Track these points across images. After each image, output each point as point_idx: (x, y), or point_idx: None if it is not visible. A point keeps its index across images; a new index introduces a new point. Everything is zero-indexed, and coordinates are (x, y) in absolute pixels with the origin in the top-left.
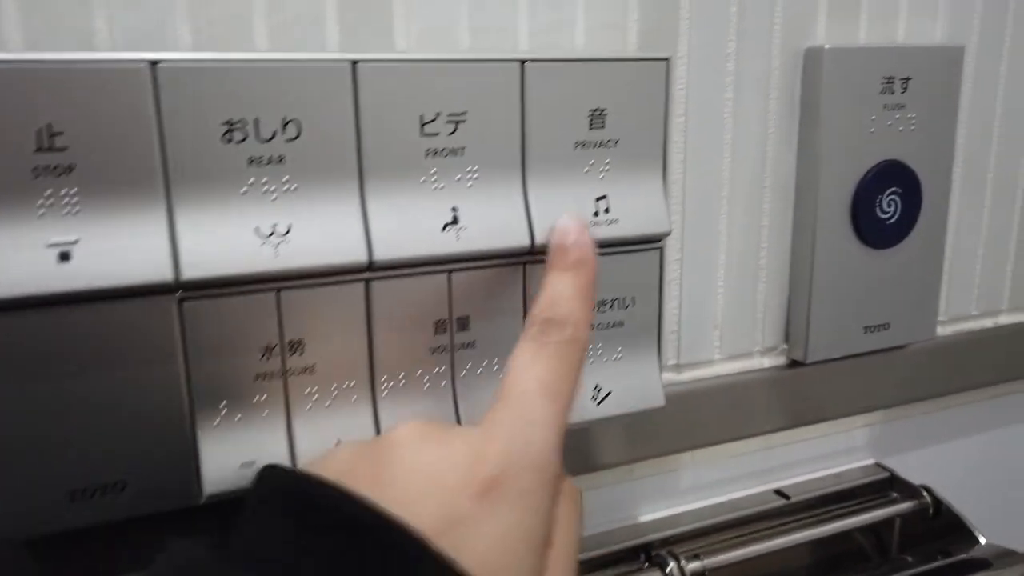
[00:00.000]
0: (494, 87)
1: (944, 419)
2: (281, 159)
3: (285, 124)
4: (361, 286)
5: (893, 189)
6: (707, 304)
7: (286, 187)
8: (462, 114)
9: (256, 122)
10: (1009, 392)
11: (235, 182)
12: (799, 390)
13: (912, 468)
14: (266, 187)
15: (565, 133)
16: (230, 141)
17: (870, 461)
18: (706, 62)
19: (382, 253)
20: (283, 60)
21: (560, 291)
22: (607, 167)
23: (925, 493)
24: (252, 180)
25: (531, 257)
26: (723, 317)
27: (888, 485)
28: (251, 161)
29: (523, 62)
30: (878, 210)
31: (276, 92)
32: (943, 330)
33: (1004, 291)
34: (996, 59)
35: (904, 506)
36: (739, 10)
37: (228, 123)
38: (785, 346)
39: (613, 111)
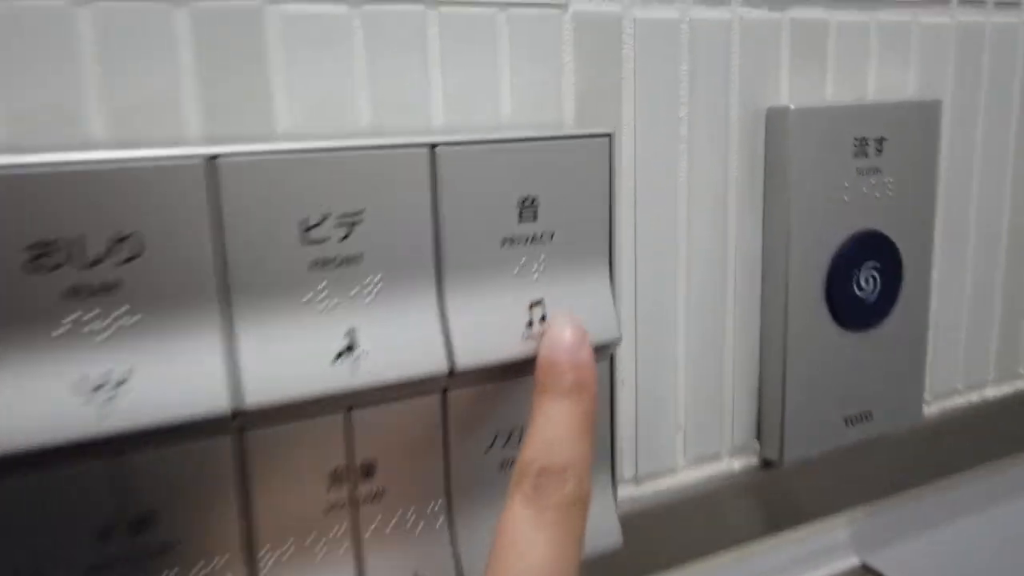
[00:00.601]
0: (397, 179)
1: (935, 507)
2: (114, 286)
3: (118, 241)
4: (230, 440)
5: (871, 263)
6: (667, 403)
7: (122, 322)
8: (357, 214)
9: (77, 241)
10: (1001, 470)
11: (45, 323)
12: (775, 493)
13: (902, 564)
14: (92, 325)
15: (489, 229)
16: (38, 270)
17: (855, 562)
18: (656, 129)
19: (256, 397)
20: (111, 160)
21: (556, 428)
22: (542, 266)
23: None
24: (72, 317)
25: (451, 382)
26: (686, 416)
27: None
28: (70, 292)
29: (433, 146)
30: (855, 287)
31: (103, 202)
32: (928, 409)
33: (990, 362)
34: (973, 112)
35: None
36: (690, 69)
37: (36, 246)
38: (757, 444)
39: (547, 199)
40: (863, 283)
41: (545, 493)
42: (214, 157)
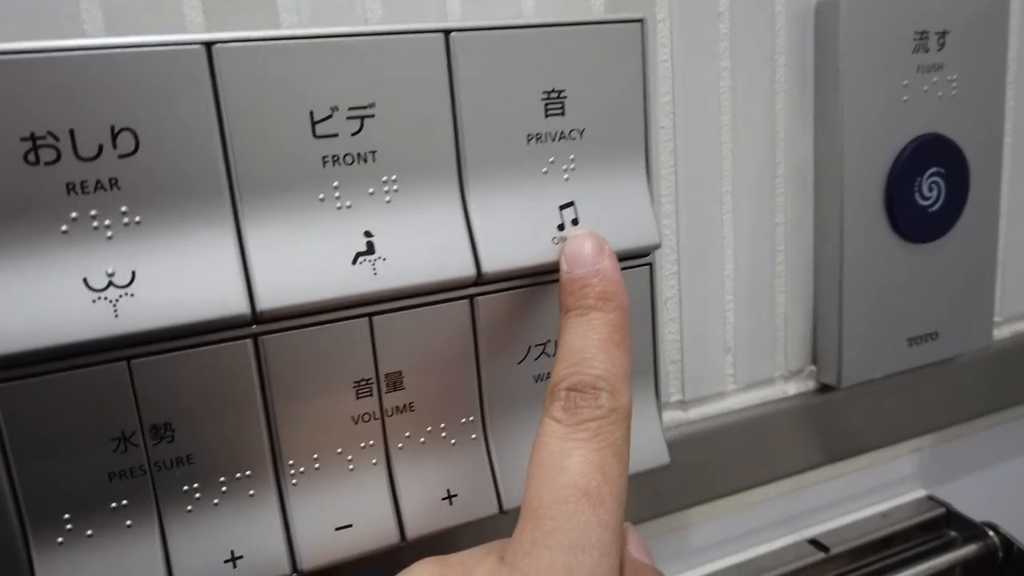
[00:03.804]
0: (411, 68)
1: (1006, 436)
2: (114, 183)
3: (116, 134)
4: (247, 345)
5: (935, 170)
6: (715, 324)
7: (125, 220)
8: (368, 107)
9: (72, 134)
10: None
11: (53, 218)
12: (833, 419)
13: (972, 498)
14: (96, 222)
15: (513, 124)
16: (36, 162)
17: (921, 493)
18: (694, 24)
19: (271, 300)
20: (101, 47)
21: (584, 343)
22: (572, 165)
23: (991, 532)
24: (75, 215)
25: (479, 289)
26: (736, 339)
27: (944, 522)
28: (71, 188)
29: (447, 32)
30: (918, 196)
31: (97, 92)
32: (999, 332)
33: None
34: None
35: (966, 550)
36: None
37: (30, 138)
38: (813, 368)
39: (575, 92)
40: (926, 192)
41: (576, 410)
42: (211, 43)
